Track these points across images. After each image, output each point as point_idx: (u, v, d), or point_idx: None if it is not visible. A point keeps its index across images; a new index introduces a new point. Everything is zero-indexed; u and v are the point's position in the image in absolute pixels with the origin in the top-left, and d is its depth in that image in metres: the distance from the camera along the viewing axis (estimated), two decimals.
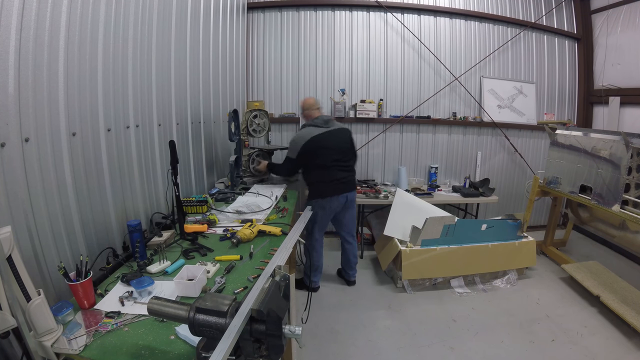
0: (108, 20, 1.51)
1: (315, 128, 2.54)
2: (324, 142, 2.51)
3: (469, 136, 4.03)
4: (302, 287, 2.80)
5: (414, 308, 2.64)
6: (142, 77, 1.82)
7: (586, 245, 3.89)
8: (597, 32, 4.03)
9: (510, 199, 4.27)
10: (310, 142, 2.49)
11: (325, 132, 2.54)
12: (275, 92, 3.82)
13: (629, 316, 2.30)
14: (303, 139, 2.50)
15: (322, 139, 2.51)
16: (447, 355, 2.16)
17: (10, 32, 1.04)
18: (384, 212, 3.44)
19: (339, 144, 2.60)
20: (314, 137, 2.50)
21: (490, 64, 3.96)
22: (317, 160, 2.54)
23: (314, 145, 2.50)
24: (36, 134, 1.16)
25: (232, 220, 2.02)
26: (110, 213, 1.58)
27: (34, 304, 0.94)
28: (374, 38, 3.77)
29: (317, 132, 2.52)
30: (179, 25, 2.19)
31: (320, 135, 2.52)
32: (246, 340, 0.85)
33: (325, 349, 2.20)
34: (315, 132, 2.52)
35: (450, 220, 2.80)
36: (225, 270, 1.44)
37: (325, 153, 2.53)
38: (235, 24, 3.25)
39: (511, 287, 2.94)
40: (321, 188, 2.59)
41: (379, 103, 3.80)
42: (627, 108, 3.72)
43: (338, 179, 2.58)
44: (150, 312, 0.94)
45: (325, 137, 2.52)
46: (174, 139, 2.06)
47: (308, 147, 2.49)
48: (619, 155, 2.53)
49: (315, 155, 2.52)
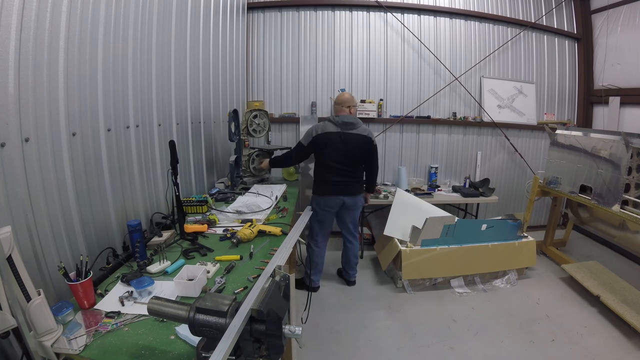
0: (108, 20, 1.51)
1: (331, 124, 2.54)
2: (332, 141, 2.51)
3: (469, 136, 4.03)
4: (302, 286, 2.80)
5: (414, 308, 2.64)
6: (142, 77, 1.82)
7: (586, 245, 3.89)
8: (597, 32, 4.03)
9: (510, 199, 4.27)
10: (321, 136, 2.51)
11: (339, 132, 2.52)
12: (275, 92, 3.82)
13: (629, 316, 2.30)
14: (316, 130, 2.54)
15: (332, 138, 2.51)
16: (447, 355, 2.16)
17: (10, 32, 1.04)
18: (384, 212, 3.44)
19: (348, 148, 2.53)
20: (325, 133, 2.51)
21: (490, 64, 3.96)
22: (320, 157, 2.58)
23: (323, 140, 2.51)
24: (36, 134, 1.16)
25: (232, 220, 2.02)
26: (110, 213, 1.58)
27: (34, 304, 0.94)
28: (374, 38, 3.77)
29: (330, 129, 2.52)
30: (179, 25, 2.19)
31: (332, 134, 2.51)
32: (246, 340, 0.85)
33: (326, 349, 2.20)
34: (329, 128, 2.53)
35: (450, 220, 2.80)
36: (225, 270, 1.44)
37: (329, 152, 2.52)
38: (235, 24, 3.25)
39: (511, 287, 2.94)
40: (319, 185, 2.64)
41: (379, 103, 3.80)
42: (627, 108, 3.72)
43: (333, 181, 2.57)
44: (150, 312, 0.94)
45: (336, 136, 2.51)
46: (174, 139, 2.06)
47: (317, 140, 2.52)
48: (619, 155, 2.53)
49: (321, 151, 2.55)
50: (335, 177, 2.57)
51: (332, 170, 2.56)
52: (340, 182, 2.59)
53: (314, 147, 2.56)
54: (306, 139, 2.59)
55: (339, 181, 2.58)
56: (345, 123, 2.53)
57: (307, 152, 2.63)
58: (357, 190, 2.69)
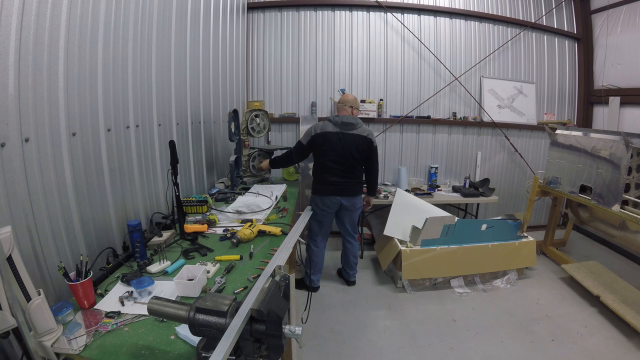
0: (108, 20, 1.51)
1: (330, 124, 2.54)
2: (330, 141, 2.51)
3: (469, 136, 4.03)
4: (302, 286, 2.80)
5: (414, 308, 2.64)
6: (142, 77, 1.82)
7: (586, 245, 3.89)
8: (597, 32, 4.03)
9: (510, 199, 4.27)
10: (320, 135, 2.51)
11: (337, 132, 2.51)
12: (275, 92, 3.82)
13: (629, 316, 2.30)
14: (315, 129, 2.55)
15: (330, 137, 2.51)
16: (447, 355, 2.16)
17: (10, 32, 1.04)
18: (384, 212, 3.44)
19: (347, 148, 2.51)
20: (324, 132, 2.51)
21: (490, 64, 3.96)
22: (318, 156, 2.58)
23: (321, 139, 2.51)
24: (36, 134, 1.16)
25: (232, 220, 2.02)
26: (110, 213, 1.58)
27: (34, 304, 0.94)
28: (374, 38, 3.77)
29: (329, 129, 2.52)
30: (178, 25, 2.19)
31: (331, 134, 2.51)
32: (246, 340, 0.85)
33: (326, 349, 2.20)
34: (328, 127, 2.53)
35: (450, 220, 2.80)
36: (225, 270, 1.44)
37: (326, 152, 2.52)
38: (235, 24, 3.25)
39: (511, 287, 2.93)
40: (317, 185, 2.64)
41: (379, 103, 3.80)
42: (627, 108, 3.72)
43: (331, 181, 2.57)
44: (150, 312, 0.94)
45: (334, 136, 2.51)
46: (174, 139, 2.06)
47: (316, 139, 2.52)
48: (619, 155, 2.53)
49: (319, 150, 2.55)
50: (333, 177, 2.56)
51: (330, 170, 2.56)
52: (338, 183, 2.58)
53: (313, 146, 2.56)
54: (305, 138, 2.59)
55: (336, 182, 2.57)
56: (344, 123, 2.51)
57: (307, 152, 2.62)
58: (356, 191, 2.66)
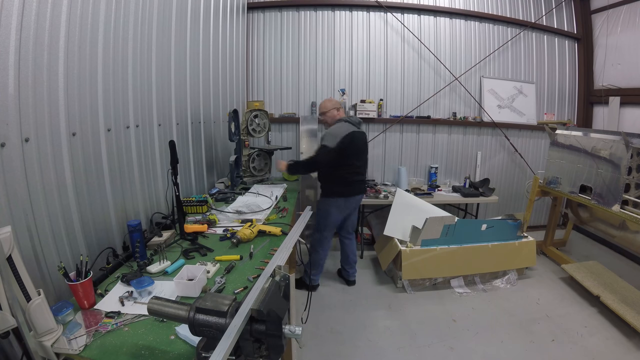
0: (108, 20, 1.51)
1: (350, 125, 2.52)
2: (356, 141, 2.51)
3: (469, 136, 4.03)
4: (302, 286, 2.80)
5: (414, 308, 2.64)
6: (142, 77, 1.82)
7: (586, 245, 3.89)
8: (597, 32, 4.03)
9: (510, 199, 4.27)
10: (349, 137, 2.44)
11: (358, 132, 2.54)
12: (275, 92, 3.82)
13: (629, 316, 2.30)
14: (342, 132, 2.43)
15: (355, 138, 2.50)
16: (447, 355, 2.16)
17: (10, 32, 1.04)
18: (384, 212, 3.43)
19: (363, 146, 2.62)
20: (350, 133, 2.46)
21: (490, 64, 3.96)
22: (346, 158, 2.48)
23: (349, 140, 2.44)
24: (36, 134, 1.16)
25: (232, 220, 2.02)
26: (110, 213, 1.58)
27: (34, 304, 0.94)
28: (374, 38, 3.77)
29: (353, 129, 2.50)
30: (179, 25, 2.19)
31: (356, 132, 2.51)
32: (246, 340, 0.85)
33: (325, 349, 2.20)
34: (351, 128, 2.50)
35: (450, 220, 2.80)
36: (225, 270, 1.43)
37: (354, 153, 2.53)
38: (235, 24, 3.25)
39: (511, 287, 2.93)
40: (340, 188, 2.58)
41: (379, 103, 3.80)
42: (627, 108, 3.72)
43: (356, 180, 2.59)
44: (150, 312, 0.94)
45: (357, 136, 2.52)
46: (174, 139, 2.06)
47: (346, 140, 2.41)
48: (619, 155, 2.53)
49: (347, 152, 2.45)
50: (359, 176, 2.60)
51: (356, 169, 2.57)
52: (360, 181, 2.63)
53: (342, 148, 2.41)
54: (331, 141, 2.40)
55: (359, 180, 2.62)
56: (359, 122, 2.58)
57: (337, 156, 2.42)
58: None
